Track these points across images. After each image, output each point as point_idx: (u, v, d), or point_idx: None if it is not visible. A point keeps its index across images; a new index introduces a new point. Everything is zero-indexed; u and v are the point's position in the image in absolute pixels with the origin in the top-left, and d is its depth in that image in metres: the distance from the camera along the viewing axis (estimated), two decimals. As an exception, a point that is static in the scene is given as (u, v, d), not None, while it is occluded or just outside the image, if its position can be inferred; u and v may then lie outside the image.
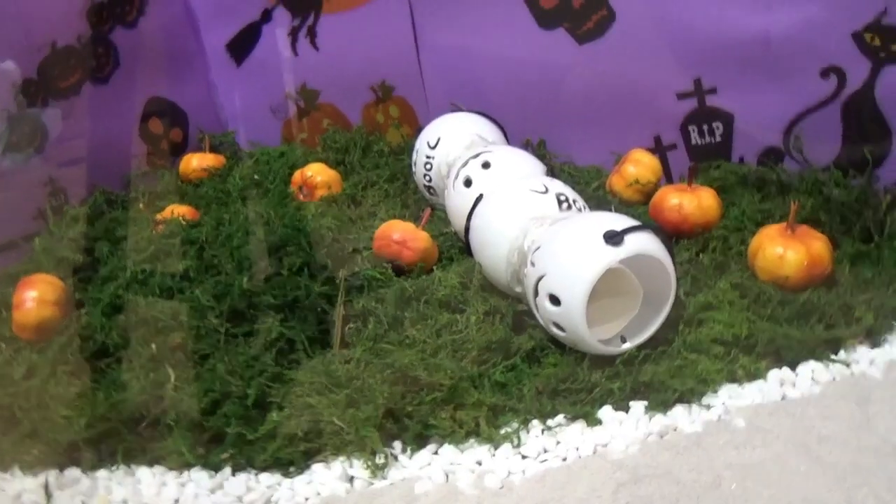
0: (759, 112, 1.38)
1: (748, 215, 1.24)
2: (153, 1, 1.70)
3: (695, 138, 1.45)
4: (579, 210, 1.07)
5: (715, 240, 1.17)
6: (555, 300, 0.93)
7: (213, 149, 1.74)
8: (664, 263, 0.94)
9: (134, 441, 0.94)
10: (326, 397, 0.90)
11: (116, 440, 0.95)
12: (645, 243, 0.93)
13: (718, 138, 1.43)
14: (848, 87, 1.30)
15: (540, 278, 0.95)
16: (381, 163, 1.59)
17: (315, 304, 1.05)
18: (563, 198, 1.07)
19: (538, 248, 0.97)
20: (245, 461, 0.90)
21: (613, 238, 0.91)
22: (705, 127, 1.44)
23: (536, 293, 0.96)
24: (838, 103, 1.32)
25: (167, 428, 0.94)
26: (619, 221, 0.94)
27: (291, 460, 0.88)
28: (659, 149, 1.48)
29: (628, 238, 0.91)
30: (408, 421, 0.89)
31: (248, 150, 1.81)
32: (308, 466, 0.89)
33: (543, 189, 1.07)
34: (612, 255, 0.91)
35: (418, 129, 1.69)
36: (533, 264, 0.97)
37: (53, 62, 1.49)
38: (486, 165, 1.19)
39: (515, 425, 0.88)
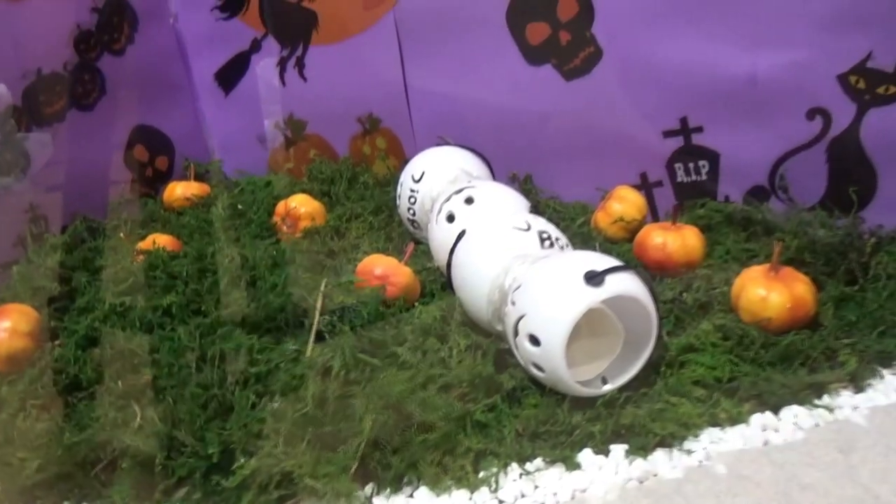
0: (745, 151, 1.38)
1: (733, 255, 1.24)
2: (142, 29, 1.70)
3: (681, 176, 1.45)
4: (562, 248, 1.06)
5: (699, 279, 1.16)
6: (534, 340, 0.92)
7: (199, 177, 1.74)
8: (645, 305, 0.92)
9: (88, 485, 0.92)
10: (298, 445, 0.88)
11: (71, 484, 0.93)
12: (626, 284, 0.91)
13: (704, 176, 1.43)
14: (833, 128, 1.30)
15: (520, 318, 0.93)
16: (367, 195, 1.58)
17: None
18: (545, 235, 1.06)
19: (519, 286, 0.96)
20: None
21: (594, 279, 0.90)
22: (691, 165, 1.44)
23: (516, 333, 0.94)
24: (824, 144, 1.32)
25: (123, 471, 0.91)
26: (600, 261, 0.93)
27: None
28: (645, 185, 1.48)
29: (609, 279, 0.90)
30: (392, 458, 0.87)
31: (234, 178, 1.80)
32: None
33: (526, 226, 1.06)
34: (593, 297, 0.89)
35: (405, 161, 1.68)
36: (513, 303, 0.96)
37: (39, 88, 1.48)
38: (469, 201, 1.18)
39: (494, 469, 0.86)
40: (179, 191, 1.65)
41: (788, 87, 1.30)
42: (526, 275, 0.96)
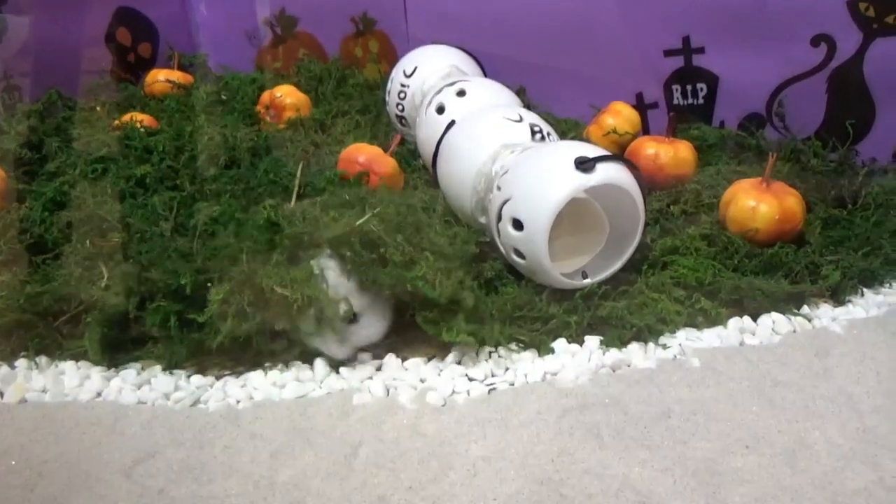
0: (745, 76, 1.35)
1: (723, 175, 1.22)
2: None
3: (677, 98, 1.42)
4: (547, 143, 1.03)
5: (687, 193, 1.14)
6: (518, 224, 0.89)
7: (183, 69, 1.67)
8: (634, 197, 0.90)
9: (49, 335, 0.89)
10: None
11: (32, 333, 0.90)
12: (616, 173, 0.89)
13: (701, 100, 1.40)
14: (837, 57, 1.28)
15: (504, 202, 0.91)
16: (355, 94, 1.53)
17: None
18: (536, 128, 1.02)
19: (506, 172, 0.93)
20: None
21: (585, 164, 0.87)
22: (689, 87, 1.41)
23: (500, 218, 0.92)
24: (826, 73, 1.30)
25: (89, 325, 0.88)
26: (591, 150, 0.90)
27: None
28: (640, 106, 1.45)
29: (600, 166, 0.88)
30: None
31: (218, 73, 1.74)
32: (242, 372, 0.85)
33: (518, 118, 1.03)
34: (582, 181, 0.87)
35: (397, 65, 1.65)
36: (499, 188, 0.93)
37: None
38: (461, 93, 1.15)
39: (468, 348, 0.84)
40: (162, 77, 1.59)
41: (796, 10, 1.27)
42: (514, 160, 0.93)
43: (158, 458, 0.73)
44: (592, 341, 0.87)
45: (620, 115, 1.32)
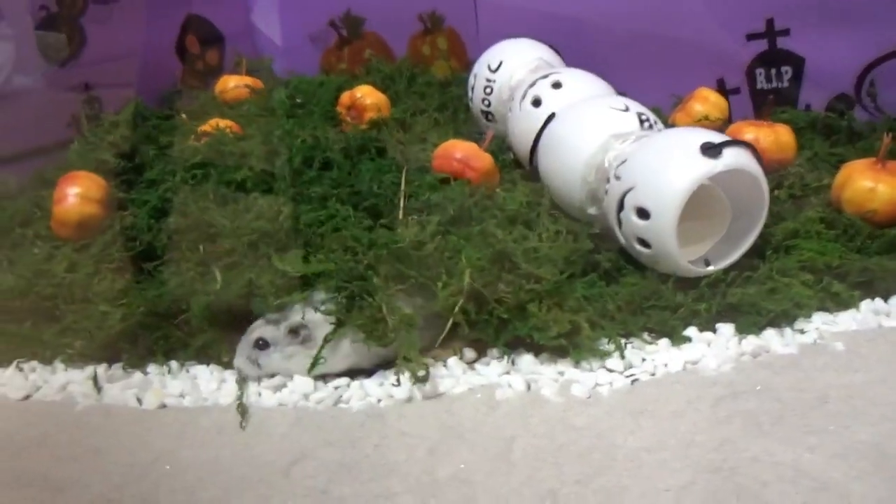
0: (833, 56, 1.33)
1: (820, 157, 1.20)
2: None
3: (761, 82, 1.40)
4: (658, 132, 1.02)
5: (791, 177, 1.12)
6: (643, 213, 0.88)
7: (250, 74, 1.68)
8: (759, 181, 0.89)
9: (173, 336, 0.90)
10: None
11: (157, 335, 0.91)
12: (743, 159, 0.88)
13: (786, 83, 1.38)
14: (929, 34, 1.26)
15: (627, 191, 0.90)
16: (429, 93, 1.53)
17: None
18: (644, 117, 1.01)
19: (624, 161, 0.92)
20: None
21: (711, 150, 0.86)
22: (773, 71, 1.39)
23: (621, 207, 0.91)
24: (918, 51, 1.27)
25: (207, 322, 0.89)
26: (714, 136, 0.89)
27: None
28: (721, 92, 1.42)
29: (726, 151, 0.86)
30: (496, 306, 0.84)
31: (284, 78, 1.74)
32: (377, 369, 0.84)
33: (624, 107, 1.02)
34: (709, 167, 0.86)
35: (467, 63, 1.64)
36: (618, 178, 0.92)
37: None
38: (556, 85, 1.14)
39: (603, 339, 0.84)
40: (233, 84, 1.59)
41: (885, -13, 1.25)
42: (634, 148, 0.92)
43: (312, 458, 0.73)
44: (726, 328, 0.86)
45: (708, 102, 1.30)
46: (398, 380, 0.80)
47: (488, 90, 1.29)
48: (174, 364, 0.88)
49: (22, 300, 0.97)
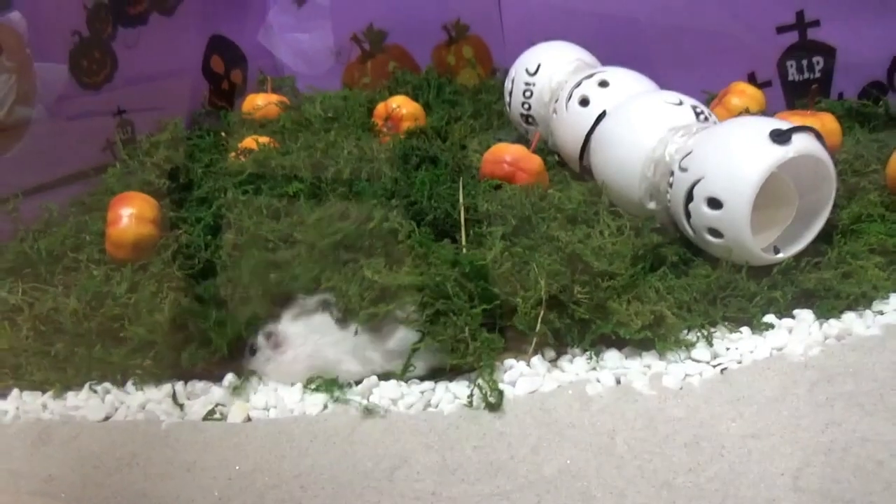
0: (864, 45, 1.34)
1: (863, 143, 1.21)
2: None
3: (792, 74, 1.42)
4: (715, 123, 1.03)
5: (841, 164, 1.12)
6: (715, 203, 0.88)
7: (274, 91, 1.68)
8: (828, 167, 0.89)
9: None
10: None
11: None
12: (812, 145, 0.88)
13: (818, 74, 1.40)
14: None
15: (696, 182, 0.90)
16: (460, 101, 1.53)
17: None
18: (699, 110, 1.02)
19: (689, 153, 0.93)
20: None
21: (781, 136, 0.86)
22: (805, 62, 1.40)
23: (690, 198, 0.91)
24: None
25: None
26: (780, 123, 0.90)
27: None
28: (753, 85, 1.44)
29: (795, 137, 0.87)
30: (575, 308, 0.84)
31: (307, 94, 1.75)
32: (458, 371, 0.84)
33: (678, 101, 1.02)
34: (781, 153, 0.86)
35: (494, 70, 1.65)
36: (684, 170, 0.92)
37: (124, -13, 1.42)
38: (603, 84, 1.14)
39: (685, 330, 0.84)
40: (260, 102, 1.59)
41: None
42: (698, 140, 0.93)
43: (413, 462, 0.72)
44: (805, 314, 0.86)
45: (745, 95, 1.30)
46: (471, 401, 0.79)
47: (528, 93, 1.29)
48: (254, 379, 0.88)
49: (87, 322, 0.96)
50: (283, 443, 0.77)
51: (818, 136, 0.91)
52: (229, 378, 0.88)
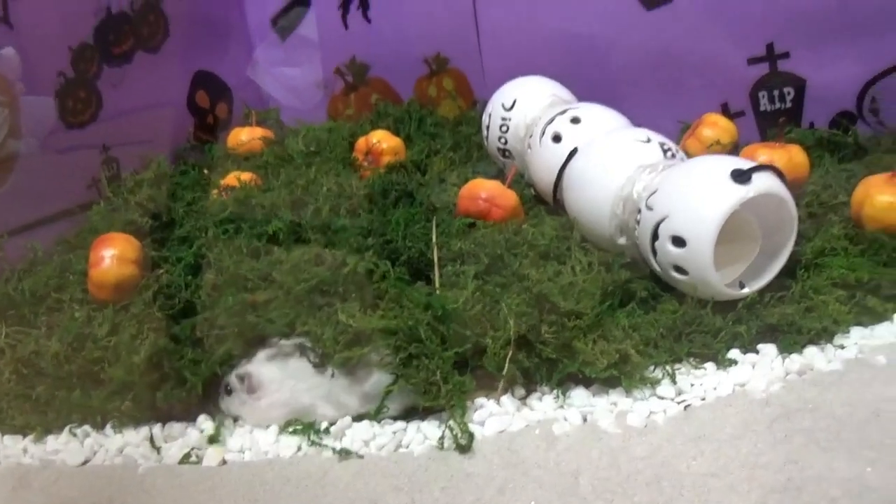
0: (833, 75, 1.37)
1: (832, 175, 1.23)
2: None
3: (764, 104, 1.44)
4: (681, 160, 1.05)
5: (808, 195, 1.15)
6: (679, 241, 0.91)
7: (259, 124, 1.70)
8: (787, 203, 0.92)
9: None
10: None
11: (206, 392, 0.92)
12: (771, 183, 0.91)
13: (789, 104, 1.43)
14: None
15: (660, 221, 0.92)
16: (440, 133, 1.56)
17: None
18: (666, 147, 1.04)
19: (655, 191, 0.95)
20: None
21: (741, 176, 0.89)
22: (776, 93, 1.43)
23: (656, 237, 0.93)
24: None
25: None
26: (740, 162, 0.92)
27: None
28: (726, 116, 1.46)
29: (756, 176, 0.89)
30: (542, 347, 0.86)
31: (292, 126, 1.77)
32: (430, 410, 0.86)
33: (646, 139, 1.05)
34: (741, 193, 0.88)
35: (474, 102, 1.67)
36: (650, 208, 0.95)
37: (109, 27, 1.45)
38: (575, 120, 1.17)
39: (651, 367, 0.86)
40: (244, 137, 1.62)
41: (877, 4, 1.29)
42: (664, 179, 0.95)
43: (382, 505, 0.74)
44: (768, 349, 0.88)
45: (717, 126, 1.33)
46: (442, 443, 0.80)
47: (504, 128, 1.32)
48: (229, 420, 0.89)
49: (69, 365, 0.98)
50: (256, 486, 0.78)
51: (780, 175, 0.93)
52: (201, 420, 0.89)
